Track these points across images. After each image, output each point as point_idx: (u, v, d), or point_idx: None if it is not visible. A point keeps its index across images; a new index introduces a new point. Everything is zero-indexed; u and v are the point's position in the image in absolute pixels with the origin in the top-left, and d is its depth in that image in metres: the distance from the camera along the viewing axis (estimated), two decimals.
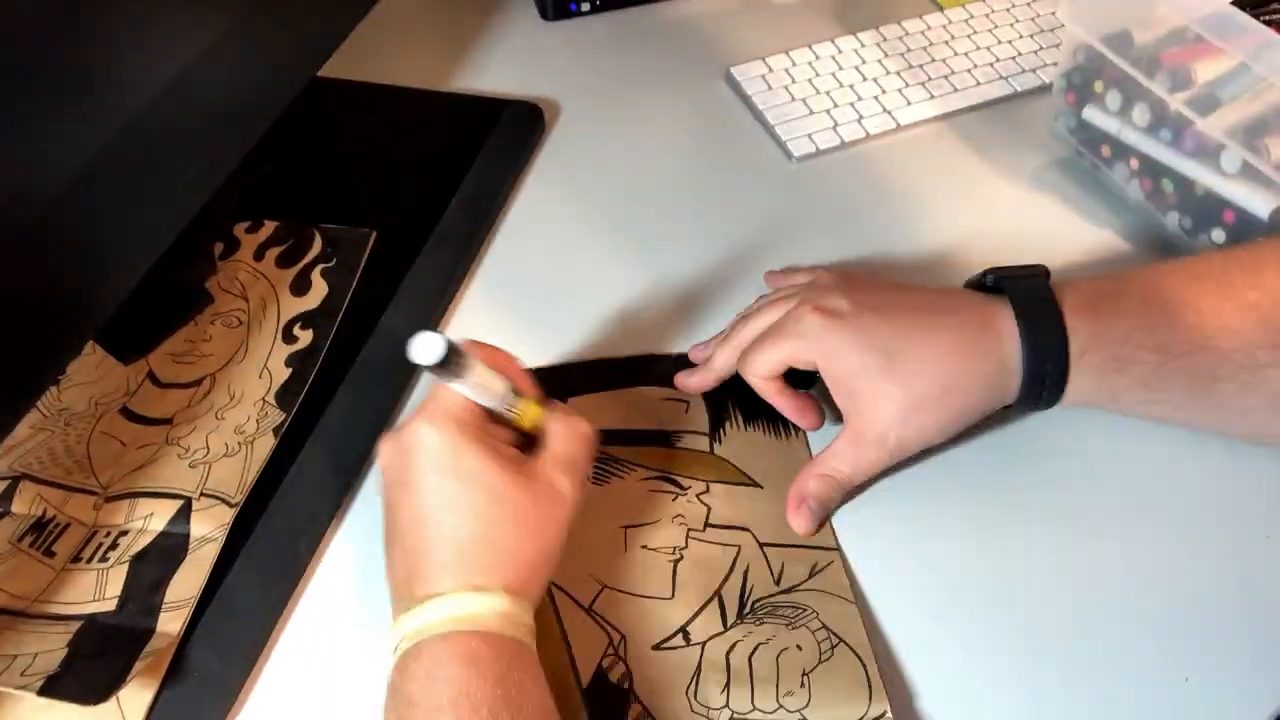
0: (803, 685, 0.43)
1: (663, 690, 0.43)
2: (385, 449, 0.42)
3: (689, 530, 0.48)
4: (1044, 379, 0.46)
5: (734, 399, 0.53)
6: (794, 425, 0.52)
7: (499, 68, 0.74)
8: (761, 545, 0.47)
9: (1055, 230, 0.62)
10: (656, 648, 0.44)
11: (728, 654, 0.44)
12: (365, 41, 0.72)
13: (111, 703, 0.42)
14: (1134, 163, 0.60)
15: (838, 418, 0.48)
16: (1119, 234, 0.61)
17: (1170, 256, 0.59)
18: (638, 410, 0.52)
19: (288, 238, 0.61)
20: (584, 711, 0.42)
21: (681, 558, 0.47)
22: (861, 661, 0.43)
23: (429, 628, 0.38)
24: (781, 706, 0.42)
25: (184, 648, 0.44)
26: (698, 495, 0.49)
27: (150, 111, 0.44)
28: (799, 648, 0.44)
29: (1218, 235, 0.56)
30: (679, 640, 0.44)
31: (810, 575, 0.46)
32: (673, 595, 0.46)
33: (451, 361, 0.38)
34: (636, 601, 0.45)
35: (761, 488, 0.49)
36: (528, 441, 0.43)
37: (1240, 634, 0.44)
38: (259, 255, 0.60)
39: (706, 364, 0.52)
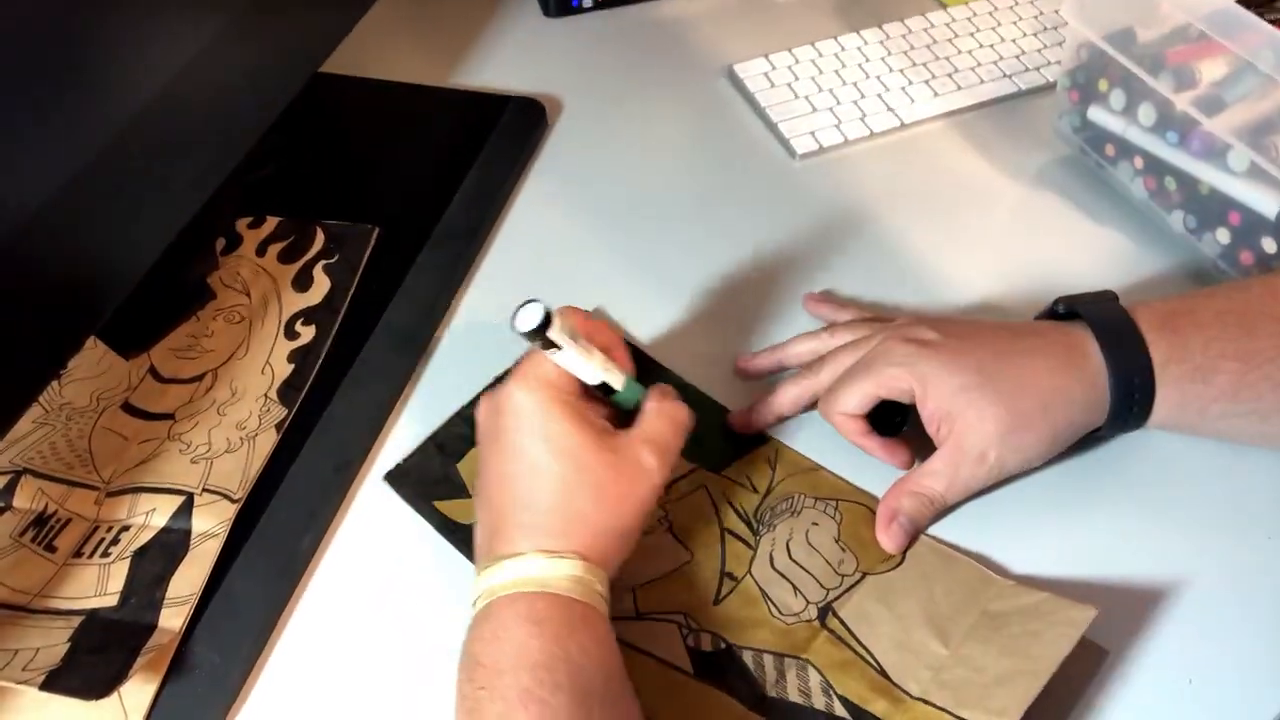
0: (843, 549, 0.47)
1: (751, 627, 0.45)
2: (482, 406, 0.44)
3: None
4: (1132, 394, 0.45)
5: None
6: (658, 364, 0.54)
7: (501, 64, 0.74)
8: (718, 472, 0.50)
9: (1058, 229, 0.62)
10: (716, 602, 0.46)
11: (772, 565, 0.47)
12: (368, 38, 0.72)
13: (113, 698, 0.42)
14: (1138, 161, 0.60)
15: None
16: (1122, 233, 0.61)
17: (1173, 255, 0.59)
18: None
19: (290, 234, 0.61)
20: (711, 690, 0.43)
21: (670, 524, 0.48)
22: (864, 505, 0.48)
23: (500, 588, 0.39)
24: (843, 576, 0.46)
25: (186, 644, 0.44)
26: None
27: (153, 107, 0.44)
28: (815, 524, 0.48)
29: (1222, 235, 0.56)
30: (729, 584, 0.46)
31: (773, 469, 0.50)
32: (692, 556, 0.47)
33: (545, 331, 0.39)
34: (670, 580, 0.46)
35: None
36: (624, 418, 0.44)
37: (1243, 636, 0.44)
38: (261, 251, 0.60)
39: (767, 402, 0.51)
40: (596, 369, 0.42)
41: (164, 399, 0.53)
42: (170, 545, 0.47)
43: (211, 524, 0.47)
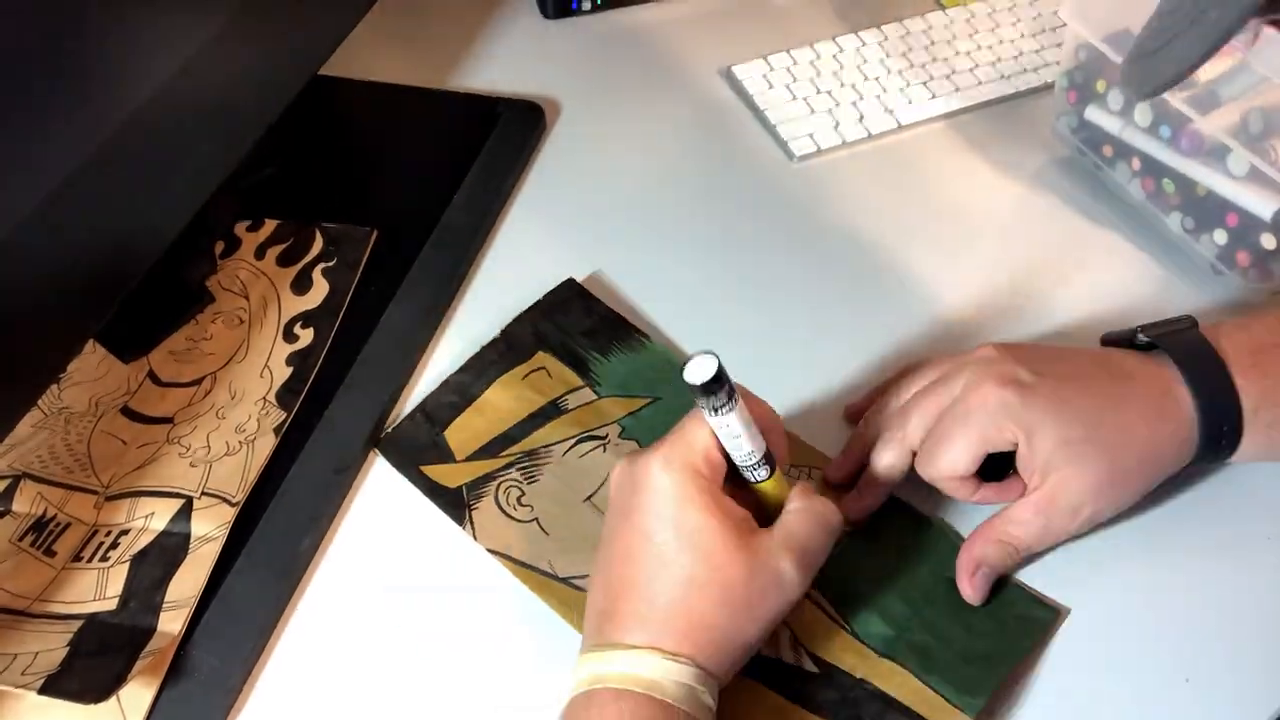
0: None
1: None
2: (618, 473, 0.41)
3: None
4: (1220, 440, 0.44)
5: (579, 334, 0.56)
6: (640, 330, 0.55)
7: (500, 66, 0.74)
8: None
9: (1056, 230, 0.62)
10: None
11: None
12: (366, 40, 0.72)
13: (112, 702, 0.42)
14: (1135, 163, 0.60)
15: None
16: (1120, 234, 0.61)
17: (1170, 256, 0.59)
18: (514, 399, 0.53)
19: (289, 236, 0.61)
20: None
21: None
22: None
23: (607, 678, 0.37)
24: None
25: (185, 647, 0.44)
26: (618, 436, 0.52)
27: (151, 109, 0.44)
28: None
29: (1219, 236, 0.56)
30: None
31: None
32: None
33: (717, 389, 0.37)
34: None
35: (660, 398, 0.53)
36: (762, 516, 0.41)
37: (1240, 635, 0.44)
38: (260, 254, 0.60)
39: (870, 483, 0.47)
40: (751, 451, 0.40)
41: (163, 403, 0.53)
42: (169, 549, 0.47)
43: (210, 527, 0.47)
